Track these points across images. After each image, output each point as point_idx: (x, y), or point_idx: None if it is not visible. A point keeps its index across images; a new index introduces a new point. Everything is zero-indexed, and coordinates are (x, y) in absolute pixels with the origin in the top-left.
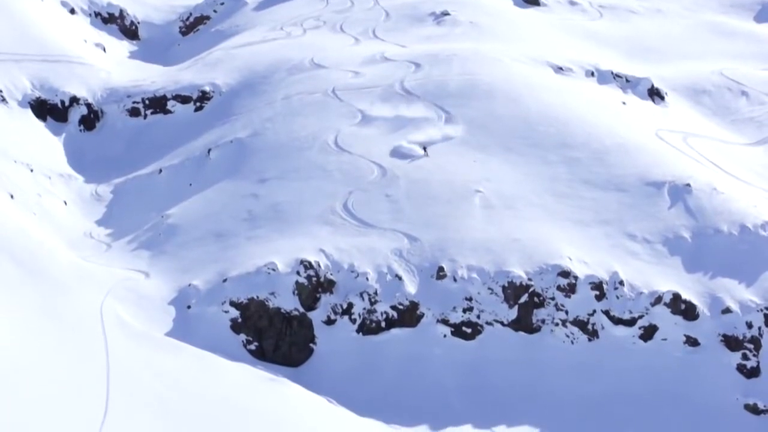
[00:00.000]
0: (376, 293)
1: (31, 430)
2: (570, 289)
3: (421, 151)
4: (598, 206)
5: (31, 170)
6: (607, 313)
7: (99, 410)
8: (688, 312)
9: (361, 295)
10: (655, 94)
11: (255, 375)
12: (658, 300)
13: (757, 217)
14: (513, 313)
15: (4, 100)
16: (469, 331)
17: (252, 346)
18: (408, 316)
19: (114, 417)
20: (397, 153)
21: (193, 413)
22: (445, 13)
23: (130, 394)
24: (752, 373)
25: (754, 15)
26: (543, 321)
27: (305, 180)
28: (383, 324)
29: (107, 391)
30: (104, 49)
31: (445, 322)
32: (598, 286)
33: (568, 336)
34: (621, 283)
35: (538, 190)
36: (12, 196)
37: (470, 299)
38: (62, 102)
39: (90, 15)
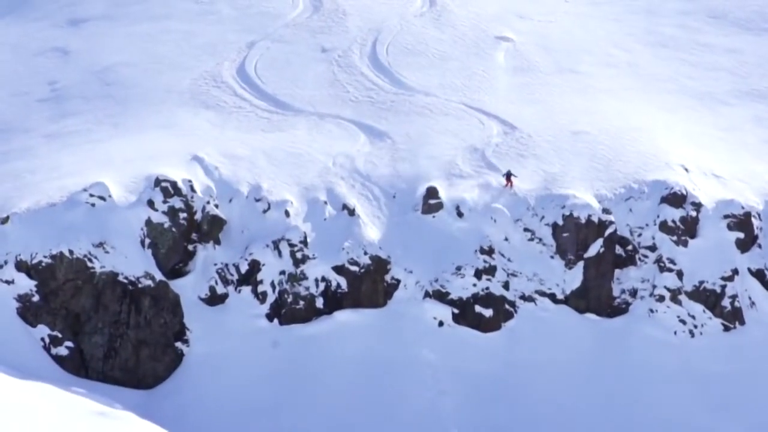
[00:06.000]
0: (304, 242)
1: None
2: (687, 228)
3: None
4: (737, 64)
5: None
6: (760, 275)
7: None
8: None
9: (276, 245)
10: None
11: (68, 404)
12: None
13: None
14: (575, 277)
15: None
16: (488, 313)
17: (61, 349)
18: (369, 285)
19: None
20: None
21: None
22: None
23: None
24: None
25: None
26: (633, 293)
27: (161, 20)
28: (320, 303)
29: None
30: None
31: (440, 296)
32: (742, 221)
33: (682, 321)
34: None
35: (619, 34)
36: None
37: (490, 251)
38: None
39: None
